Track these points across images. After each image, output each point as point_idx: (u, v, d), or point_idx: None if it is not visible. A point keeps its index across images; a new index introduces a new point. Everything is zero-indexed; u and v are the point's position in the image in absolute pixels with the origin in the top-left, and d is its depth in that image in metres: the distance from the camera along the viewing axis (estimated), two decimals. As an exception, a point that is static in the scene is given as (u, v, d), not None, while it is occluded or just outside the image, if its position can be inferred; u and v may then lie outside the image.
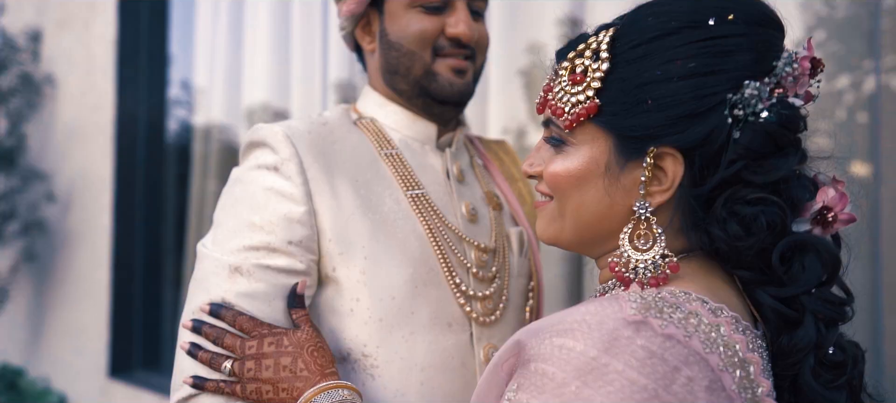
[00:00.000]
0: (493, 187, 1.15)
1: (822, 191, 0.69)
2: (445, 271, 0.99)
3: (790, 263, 0.68)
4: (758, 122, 0.65)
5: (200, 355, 0.89)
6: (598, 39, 0.72)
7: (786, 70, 0.66)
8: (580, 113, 0.71)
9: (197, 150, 2.83)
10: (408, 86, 1.06)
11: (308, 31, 2.56)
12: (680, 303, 0.64)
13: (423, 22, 1.03)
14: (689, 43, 0.67)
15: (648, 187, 0.69)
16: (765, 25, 0.68)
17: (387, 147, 1.05)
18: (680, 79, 0.67)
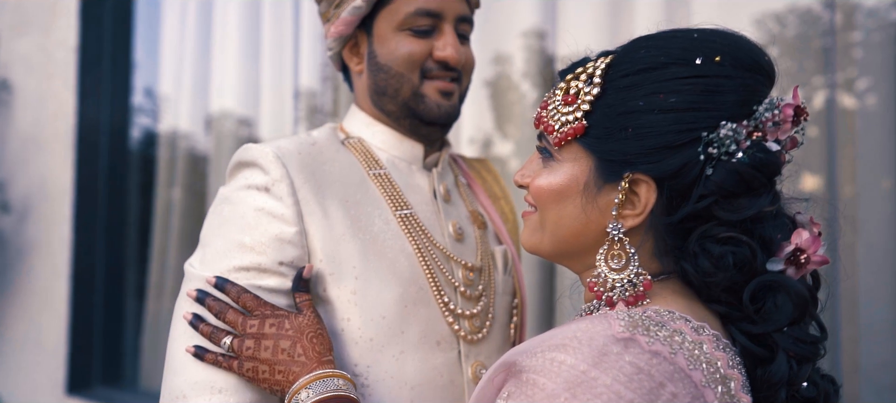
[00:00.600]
0: (477, 206, 1.17)
1: (797, 233, 0.72)
2: (434, 290, 1.00)
3: (763, 302, 0.71)
4: (730, 162, 0.69)
5: (202, 327, 0.90)
6: (595, 65, 0.76)
7: (765, 115, 0.70)
8: (568, 132, 0.75)
9: (162, 159, 2.77)
10: (396, 108, 1.07)
11: (278, 39, 2.54)
12: (665, 322, 0.68)
13: (411, 45, 1.04)
14: (674, 78, 0.71)
15: (622, 210, 0.73)
16: (751, 71, 0.71)
17: (375, 167, 1.06)
18: (660, 112, 0.70)
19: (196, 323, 0.91)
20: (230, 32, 2.58)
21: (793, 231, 0.73)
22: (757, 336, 0.71)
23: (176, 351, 0.92)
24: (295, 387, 0.84)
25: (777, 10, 1.95)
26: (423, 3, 1.03)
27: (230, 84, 2.60)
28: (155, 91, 2.86)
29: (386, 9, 1.05)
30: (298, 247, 0.94)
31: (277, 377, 0.86)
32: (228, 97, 2.61)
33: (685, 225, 0.72)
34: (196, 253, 1.00)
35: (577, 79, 0.76)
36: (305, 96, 2.55)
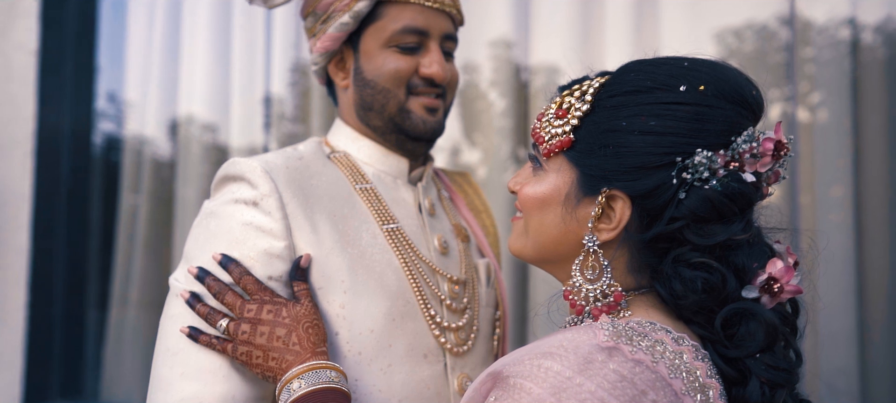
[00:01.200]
0: (460, 219, 1.19)
1: (772, 263, 0.74)
2: (421, 303, 1.02)
3: (736, 328, 0.73)
4: (703, 189, 0.72)
5: (199, 307, 0.91)
6: (590, 83, 0.80)
7: (743, 147, 0.73)
8: (556, 144, 0.79)
9: (127, 165, 2.70)
10: (382, 123, 1.08)
11: (249, 43, 2.51)
12: (647, 333, 0.71)
13: (398, 61, 1.06)
14: (657, 103, 0.74)
15: (597, 223, 0.77)
16: (734, 103, 0.74)
17: (361, 181, 1.07)
18: (640, 134, 0.74)
19: (193, 303, 0.91)
20: (200, 38, 2.54)
21: (769, 260, 0.75)
22: (732, 360, 0.74)
23: (161, 368, 0.91)
24: (288, 376, 0.85)
25: (736, 26, 2.03)
26: (410, 21, 1.05)
27: (199, 89, 2.56)
28: (119, 96, 2.79)
29: (373, 26, 1.06)
30: (287, 262, 0.95)
31: (270, 363, 0.87)
32: (197, 102, 2.57)
33: (659, 245, 0.75)
34: (180, 267, 0.99)
35: (571, 96, 0.80)
36: (275, 102, 2.53)
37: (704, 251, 0.73)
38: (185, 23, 2.58)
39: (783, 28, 2.01)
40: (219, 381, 0.89)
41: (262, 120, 2.56)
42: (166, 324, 0.94)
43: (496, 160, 2.17)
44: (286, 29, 2.50)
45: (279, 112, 2.57)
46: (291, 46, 2.52)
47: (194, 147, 2.59)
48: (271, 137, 2.57)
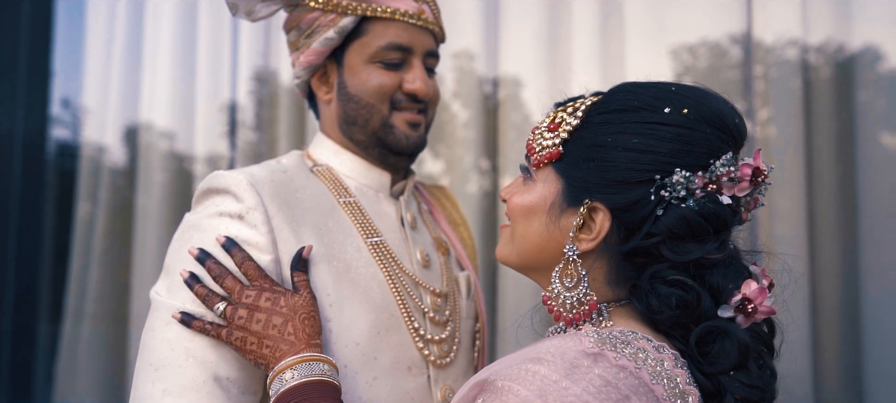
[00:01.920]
0: (439, 233, 1.21)
1: (746, 284, 0.77)
2: (405, 316, 1.02)
3: (711, 345, 0.76)
4: (680, 207, 0.75)
5: (197, 288, 0.91)
6: (583, 101, 0.83)
7: (721, 170, 0.76)
8: (545, 156, 0.83)
9: (83, 173, 2.61)
10: (365, 137, 1.09)
11: (214, 52, 2.47)
12: (630, 341, 0.74)
13: (382, 77, 1.07)
14: (641, 122, 0.78)
15: (578, 233, 0.80)
16: (715, 128, 0.77)
17: (344, 195, 1.07)
18: (623, 150, 0.77)
19: (191, 283, 0.91)
20: (162, 42, 2.49)
21: (744, 281, 0.78)
22: (708, 374, 0.77)
23: (143, 384, 0.90)
24: (281, 365, 0.86)
25: (691, 43, 2.11)
26: (395, 38, 1.06)
27: (161, 96, 2.50)
28: (75, 101, 2.69)
29: (357, 41, 1.07)
30: (273, 275, 0.94)
31: (264, 351, 0.87)
32: (158, 110, 2.51)
33: (637, 260, 0.78)
34: (161, 280, 0.97)
35: (564, 111, 0.84)
36: (238, 110, 2.49)
37: (680, 268, 0.76)
38: (148, 28, 2.52)
39: (734, 46, 2.10)
40: (202, 398, 0.88)
41: (223, 128, 2.52)
42: (149, 339, 0.93)
43: (459, 171, 2.19)
44: (251, 37, 2.46)
45: (241, 120, 2.53)
46: (256, 54, 2.49)
47: (154, 155, 2.53)
48: (232, 146, 2.53)
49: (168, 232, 2.49)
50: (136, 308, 2.45)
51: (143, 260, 2.46)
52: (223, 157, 2.54)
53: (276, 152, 2.47)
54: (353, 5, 1.05)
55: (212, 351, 0.90)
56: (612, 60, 2.05)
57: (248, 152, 2.51)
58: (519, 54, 2.12)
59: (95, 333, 2.54)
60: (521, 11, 2.10)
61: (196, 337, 0.90)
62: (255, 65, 2.51)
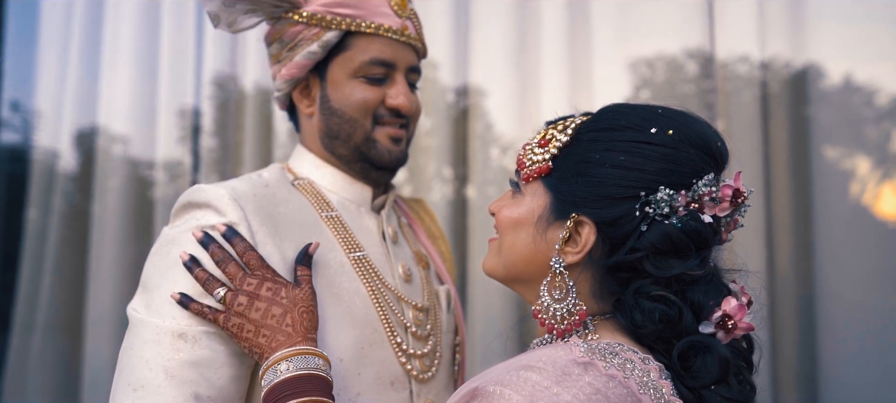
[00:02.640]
0: (419, 247, 1.21)
1: (726, 301, 0.80)
2: (388, 331, 1.02)
3: (692, 360, 0.78)
4: (664, 224, 0.78)
5: (197, 271, 0.90)
6: (573, 120, 0.86)
7: (703, 190, 0.79)
8: (534, 170, 0.85)
9: (35, 179, 2.49)
10: (347, 151, 1.09)
11: (176, 56, 2.41)
12: (617, 352, 0.76)
13: (365, 92, 1.06)
14: (628, 141, 0.80)
15: (564, 246, 0.82)
16: (699, 149, 0.80)
17: (326, 209, 1.07)
18: (610, 167, 0.80)
19: (192, 266, 0.91)
20: (122, 45, 2.41)
21: (724, 298, 0.80)
22: (691, 388, 0.78)
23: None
24: (276, 356, 0.86)
25: (648, 57, 2.17)
26: (378, 53, 1.06)
27: (120, 100, 2.42)
28: (27, 104, 2.57)
29: (341, 55, 1.07)
30: None
31: (260, 340, 0.87)
32: (116, 114, 2.43)
33: (621, 274, 0.80)
34: (138, 297, 0.95)
35: (554, 129, 0.86)
36: (194, 115, 2.44)
37: (662, 283, 0.78)
38: (107, 30, 2.44)
39: (689, 60, 2.18)
40: None
41: (182, 133, 2.46)
42: (127, 359, 0.90)
43: (421, 179, 2.20)
44: (214, 41, 2.42)
45: (202, 125, 2.47)
46: (218, 59, 2.44)
47: (111, 160, 2.44)
48: (193, 151, 2.47)
49: (125, 241, 2.42)
50: (91, 318, 2.36)
51: (98, 269, 2.37)
52: (182, 163, 2.48)
53: (239, 158, 2.42)
54: (338, 20, 1.04)
55: (192, 370, 0.88)
56: (579, 72, 2.09)
57: (209, 158, 2.46)
58: (485, 64, 2.15)
59: (47, 345, 2.43)
60: (489, 22, 2.13)
61: (175, 356, 0.88)
62: (217, 69, 2.46)
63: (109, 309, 2.35)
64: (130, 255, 2.42)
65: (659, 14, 2.06)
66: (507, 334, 1.89)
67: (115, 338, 2.34)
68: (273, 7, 1.05)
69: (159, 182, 2.45)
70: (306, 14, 1.05)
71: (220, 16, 1.05)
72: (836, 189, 1.85)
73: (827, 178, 1.86)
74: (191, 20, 2.42)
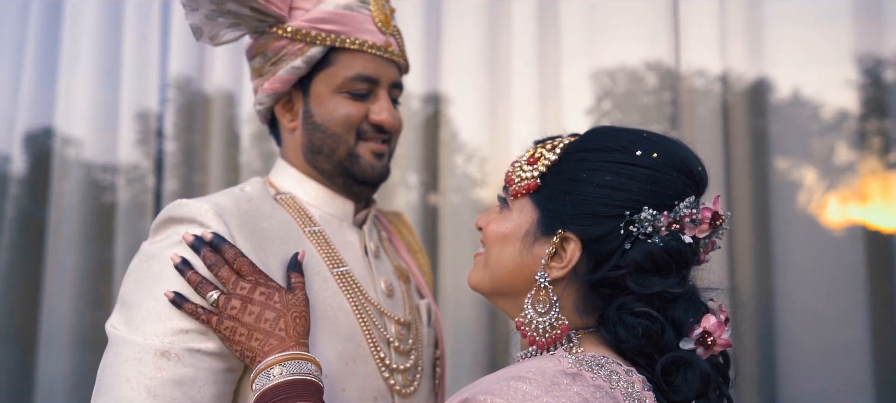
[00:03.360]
0: (399, 261, 1.22)
1: (706, 318, 0.83)
2: (371, 346, 1.03)
3: (675, 375, 0.81)
4: (647, 243, 0.81)
5: (189, 274, 0.90)
6: (561, 140, 0.89)
7: (684, 211, 0.82)
8: (523, 187, 0.88)
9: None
10: (330, 166, 1.09)
11: (135, 58, 2.34)
12: (603, 364, 0.79)
13: (349, 107, 1.07)
14: (615, 162, 0.84)
15: (550, 261, 0.84)
16: (681, 173, 0.84)
17: (309, 224, 1.07)
18: (597, 186, 0.83)
19: (184, 269, 0.90)
20: (83, 48, 2.34)
21: (704, 316, 0.83)
22: (672, 402, 0.81)
23: None
24: (269, 360, 0.86)
25: (610, 68, 2.23)
26: (362, 69, 1.07)
27: (78, 103, 2.35)
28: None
29: (325, 71, 1.07)
30: None
31: (253, 343, 0.88)
32: (74, 118, 2.36)
33: (604, 290, 0.83)
34: (117, 313, 0.93)
35: (543, 147, 0.89)
36: (153, 119, 2.39)
37: (644, 300, 0.82)
38: (66, 32, 2.36)
39: (649, 72, 2.25)
40: None
41: (140, 136, 2.40)
42: (106, 378, 0.89)
43: (385, 186, 2.20)
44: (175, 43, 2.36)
45: (160, 129, 2.42)
46: (178, 62, 2.39)
47: (67, 165, 2.37)
48: (151, 155, 2.41)
49: (81, 246, 2.35)
50: (45, 328, 2.28)
51: (53, 277, 2.30)
52: (141, 167, 2.42)
53: (201, 162, 2.38)
54: (322, 36, 1.05)
55: (175, 389, 0.87)
56: (548, 82, 2.13)
57: (169, 162, 2.41)
58: (457, 72, 2.16)
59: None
60: (459, 32, 2.15)
61: (158, 375, 0.87)
62: (180, 72, 2.41)
63: (66, 318, 2.28)
64: (87, 262, 2.35)
65: (626, 27, 2.12)
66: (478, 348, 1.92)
67: (73, 348, 2.27)
68: (257, 21, 1.04)
69: (118, 187, 2.39)
70: (291, 29, 1.05)
71: (202, 29, 1.03)
72: (791, 199, 1.94)
73: (782, 189, 1.95)
74: (153, 22, 2.37)
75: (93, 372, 0.92)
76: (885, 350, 1.82)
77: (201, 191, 2.37)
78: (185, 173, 2.41)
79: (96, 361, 0.94)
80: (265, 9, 1.03)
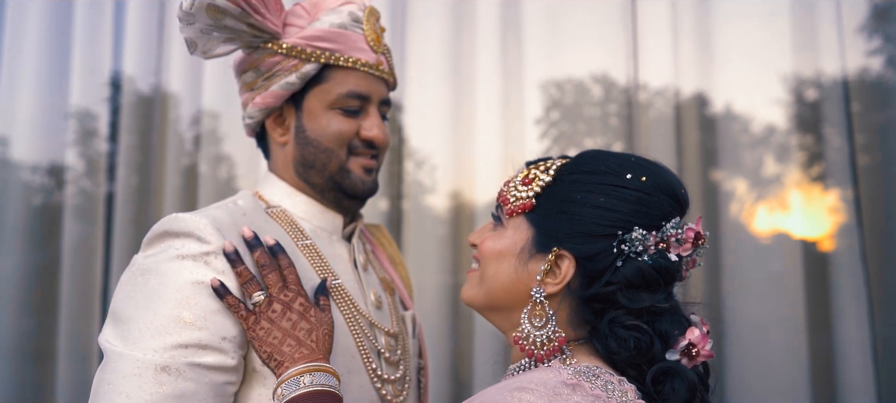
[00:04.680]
0: (384, 273, 1.26)
1: (690, 331, 0.92)
2: (364, 358, 1.07)
3: (663, 384, 0.89)
4: (638, 261, 0.89)
5: (241, 269, 0.95)
6: (553, 162, 0.96)
7: (671, 231, 0.91)
8: (518, 206, 0.94)
9: None
10: (322, 181, 1.12)
11: (73, 57, 2.25)
12: (598, 374, 0.86)
13: (341, 123, 1.11)
14: (607, 185, 0.91)
15: (545, 277, 0.91)
16: (667, 195, 0.92)
17: (301, 237, 1.10)
18: (591, 207, 0.91)
19: (236, 261, 0.95)
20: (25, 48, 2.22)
21: (688, 328, 0.92)
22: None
23: None
24: (300, 367, 0.91)
25: (558, 79, 2.35)
26: (355, 87, 1.11)
27: (22, 104, 2.24)
28: None
29: (318, 87, 1.10)
30: (239, 321, 0.95)
31: (285, 348, 0.92)
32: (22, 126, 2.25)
33: (595, 305, 0.91)
34: (111, 327, 0.94)
35: (536, 169, 0.96)
36: (85, 117, 2.31)
37: (634, 314, 0.89)
38: (7, 30, 2.24)
39: (594, 84, 2.38)
40: None
41: (72, 136, 2.32)
42: (106, 393, 0.90)
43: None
44: (115, 41, 2.29)
45: (93, 128, 2.34)
46: (114, 59, 2.32)
47: (5, 167, 2.26)
48: (83, 155, 2.32)
49: (3, 249, 2.24)
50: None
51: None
52: (71, 169, 2.32)
53: (137, 163, 2.31)
54: (317, 53, 1.08)
55: None
56: (511, 92, 2.21)
57: (104, 164, 2.34)
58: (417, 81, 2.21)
59: None
60: (422, 44, 2.20)
61: (158, 390, 0.88)
62: (116, 71, 2.33)
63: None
64: (10, 265, 2.24)
65: (584, 42, 2.22)
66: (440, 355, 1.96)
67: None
68: (252, 37, 1.06)
69: (44, 189, 2.29)
70: (286, 46, 1.07)
71: (196, 42, 1.04)
72: (739, 209, 2.10)
73: (730, 200, 2.10)
74: (80, 17, 2.29)
75: (31, 381, 0.91)
76: (820, 354, 1.96)
77: (149, 193, 2.32)
78: (119, 175, 2.34)
79: (30, 370, 0.92)
80: (262, 25, 1.05)
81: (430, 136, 2.27)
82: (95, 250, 2.29)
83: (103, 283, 2.29)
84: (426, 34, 2.21)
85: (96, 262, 2.28)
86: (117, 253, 2.23)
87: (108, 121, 2.38)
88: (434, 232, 2.18)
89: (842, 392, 1.92)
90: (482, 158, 2.18)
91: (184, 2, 0.99)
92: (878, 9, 2.15)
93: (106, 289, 2.28)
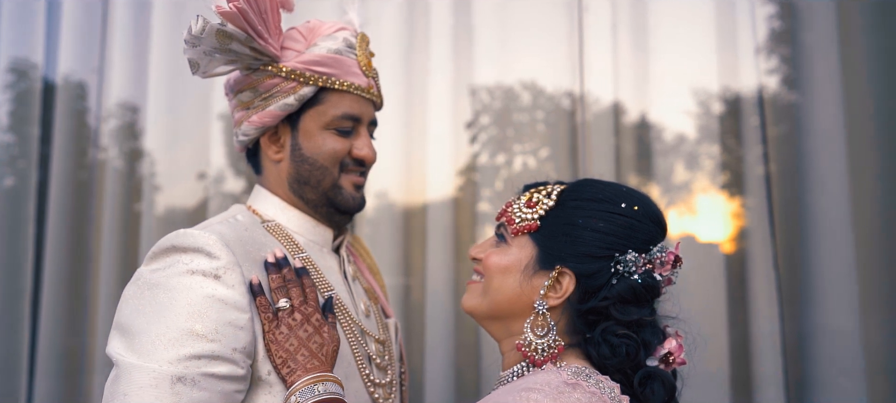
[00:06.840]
0: (366, 282, 1.37)
1: (668, 341, 1.07)
2: (358, 364, 1.18)
3: (646, 386, 1.05)
4: (630, 279, 1.05)
5: (274, 276, 1.07)
6: (553, 187, 1.10)
7: (657, 255, 1.07)
8: (524, 226, 1.09)
9: None
10: (315, 196, 1.22)
11: None
12: (590, 374, 1.01)
13: (336, 143, 1.21)
14: (606, 212, 1.07)
15: (548, 292, 1.06)
16: (655, 223, 1.09)
17: (297, 251, 1.19)
18: (592, 231, 1.06)
19: (272, 270, 1.09)
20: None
21: (664, 339, 1.07)
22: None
23: None
24: (313, 376, 1.02)
25: (488, 85, 2.51)
26: (349, 109, 1.21)
27: None
28: None
29: (314, 108, 1.19)
30: (249, 333, 1.03)
31: (298, 357, 1.04)
32: None
33: (589, 317, 1.06)
34: (119, 340, 0.99)
35: (538, 193, 1.10)
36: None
37: (624, 325, 1.05)
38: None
39: (524, 91, 2.55)
40: None
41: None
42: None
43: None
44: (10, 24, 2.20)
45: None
46: (11, 44, 2.22)
47: None
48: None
49: None
50: None
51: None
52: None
53: (33, 156, 2.24)
54: (315, 77, 1.17)
55: None
56: (460, 92, 2.33)
57: (5, 155, 2.23)
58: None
59: None
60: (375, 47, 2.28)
61: (175, 399, 0.95)
62: (14, 56, 2.22)
63: None
64: None
65: (531, 55, 2.38)
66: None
67: None
68: (253, 59, 1.13)
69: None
70: (285, 69, 1.16)
71: (198, 63, 1.10)
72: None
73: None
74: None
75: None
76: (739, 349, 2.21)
77: (42, 187, 2.25)
78: (21, 167, 2.24)
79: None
80: (264, 50, 1.13)
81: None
82: None
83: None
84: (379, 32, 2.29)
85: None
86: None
87: (5, 110, 2.27)
88: (388, 233, 2.28)
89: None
90: (431, 163, 2.28)
91: (193, 26, 1.05)
92: (774, 33, 2.48)
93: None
